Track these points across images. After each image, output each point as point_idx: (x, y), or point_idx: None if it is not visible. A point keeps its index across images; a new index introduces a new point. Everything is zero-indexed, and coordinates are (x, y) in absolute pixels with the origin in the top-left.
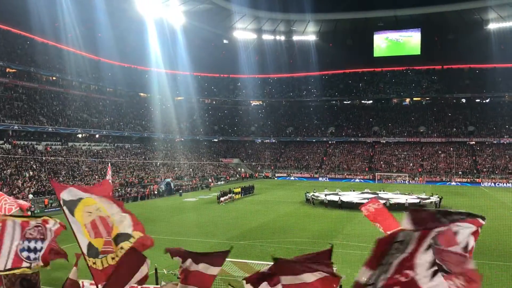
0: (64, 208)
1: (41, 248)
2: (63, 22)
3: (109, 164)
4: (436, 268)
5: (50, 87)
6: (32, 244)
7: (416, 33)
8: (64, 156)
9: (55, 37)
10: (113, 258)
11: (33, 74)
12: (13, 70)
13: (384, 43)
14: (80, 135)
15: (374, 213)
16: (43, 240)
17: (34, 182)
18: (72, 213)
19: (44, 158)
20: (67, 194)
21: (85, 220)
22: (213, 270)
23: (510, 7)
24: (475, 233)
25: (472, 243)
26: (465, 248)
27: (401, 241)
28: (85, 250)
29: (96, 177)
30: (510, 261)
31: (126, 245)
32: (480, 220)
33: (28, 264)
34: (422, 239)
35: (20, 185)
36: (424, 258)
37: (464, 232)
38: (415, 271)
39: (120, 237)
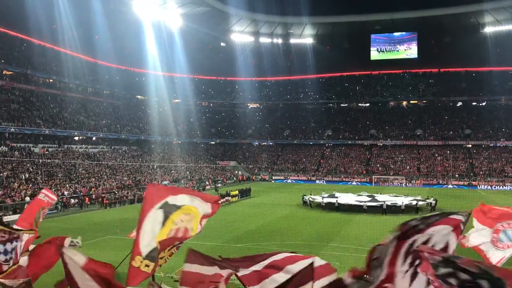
0: (159, 209)
1: (14, 247)
2: (61, 24)
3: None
4: (413, 271)
5: (47, 89)
6: (2, 247)
7: (413, 37)
8: (61, 158)
9: (52, 39)
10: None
11: (30, 76)
12: (9, 72)
13: (382, 46)
14: (77, 138)
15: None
16: (12, 240)
17: (30, 185)
18: (166, 216)
19: (40, 161)
20: (173, 199)
21: (173, 226)
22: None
23: (506, 11)
24: (455, 230)
25: (453, 240)
26: (445, 248)
27: (377, 258)
28: (143, 250)
29: (93, 179)
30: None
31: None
32: (456, 217)
33: (6, 267)
34: (398, 249)
35: (16, 187)
36: (402, 268)
37: (439, 233)
38: (394, 281)
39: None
